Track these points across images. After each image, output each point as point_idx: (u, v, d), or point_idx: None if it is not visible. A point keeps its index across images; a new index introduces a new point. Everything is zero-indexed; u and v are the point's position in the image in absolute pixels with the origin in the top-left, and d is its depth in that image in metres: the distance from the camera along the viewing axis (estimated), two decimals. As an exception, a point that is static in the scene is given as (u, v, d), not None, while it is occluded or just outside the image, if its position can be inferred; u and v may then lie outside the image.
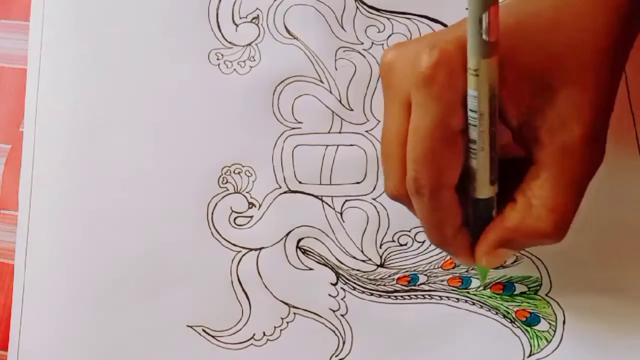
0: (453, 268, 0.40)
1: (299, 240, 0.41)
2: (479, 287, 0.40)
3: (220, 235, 0.41)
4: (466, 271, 0.40)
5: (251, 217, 0.41)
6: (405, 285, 0.40)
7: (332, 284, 0.40)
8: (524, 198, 0.32)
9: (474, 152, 0.32)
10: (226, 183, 0.42)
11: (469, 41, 0.29)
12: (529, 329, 0.39)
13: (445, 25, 0.42)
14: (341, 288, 0.40)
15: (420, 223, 0.35)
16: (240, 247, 0.41)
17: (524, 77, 0.31)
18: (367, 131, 0.42)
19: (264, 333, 0.40)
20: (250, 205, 0.42)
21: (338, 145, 0.42)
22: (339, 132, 0.42)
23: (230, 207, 0.41)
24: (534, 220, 0.32)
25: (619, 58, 0.33)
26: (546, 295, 0.39)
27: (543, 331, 0.39)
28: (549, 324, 0.39)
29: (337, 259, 0.41)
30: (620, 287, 0.39)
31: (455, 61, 0.30)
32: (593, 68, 0.31)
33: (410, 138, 0.32)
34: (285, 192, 0.42)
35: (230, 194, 0.42)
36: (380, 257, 0.41)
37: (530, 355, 0.39)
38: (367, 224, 0.41)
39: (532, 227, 0.32)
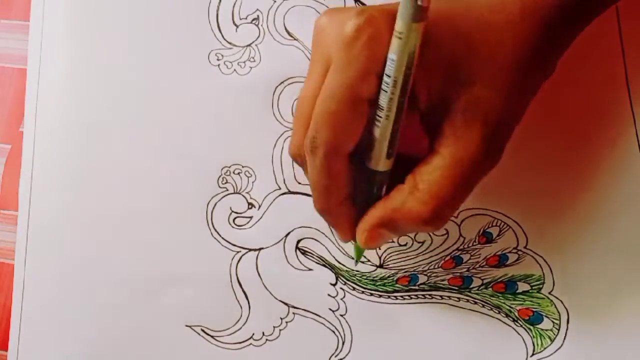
0: (453, 267, 0.40)
1: (298, 241, 0.41)
2: (481, 285, 0.39)
3: (220, 235, 0.41)
4: (467, 270, 0.40)
5: (251, 217, 0.41)
6: (405, 286, 0.40)
7: (331, 284, 0.40)
8: (413, 181, 0.33)
9: (378, 120, 0.32)
10: (226, 183, 0.42)
11: (402, 3, 0.29)
12: (532, 327, 0.39)
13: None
14: (340, 288, 0.40)
15: (309, 188, 0.35)
16: (240, 247, 0.41)
17: (442, 64, 0.31)
18: (366, 131, 0.42)
19: (263, 333, 0.40)
20: (250, 206, 0.41)
21: (337, 145, 0.42)
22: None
23: (230, 208, 0.41)
24: (415, 203, 0.32)
25: (539, 68, 0.33)
26: (549, 293, 0.39)
27: (546, 330, 0.39)
28: (553, 322, 0.39)
29: (336, 259, 0.41)
30: (623, 285, 0.39)
31: (379, 28, 0.30)
32: (509, 73, 0.31)
33: (319, 96, 0.32)
34: (284, 193, 0.42)
35: (229, 194, 0.42)
36: (380, 258, 0.40)
37: (533, 354, 0.38)
38: (367, 223, 0.41)
39: (411, 210, 0.32)
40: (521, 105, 0.33)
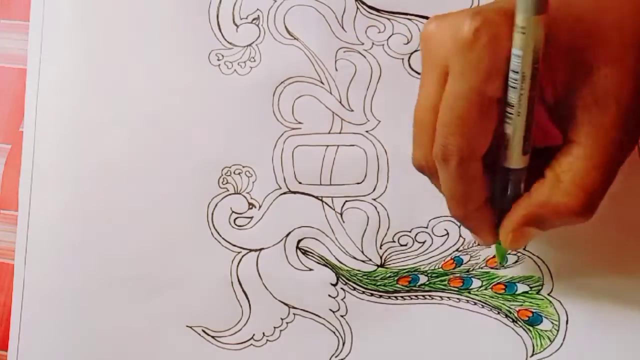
0: (454, 268, 0.40)
1: (299, 241, 0.41)
2: (481, 286, 0.40)
3: (220, 235, 0.41)
4: (467, 272, 0.40)
5: (251, 217, 0.41)
6: (405, 286, 0.40)
7: (332, 284, 0.40)
8: (553, 174, 0.32)
9: (510, 118, 0.31)
10: (226, 183, 0.42)
11: None
12: (531, 328, 0.39)
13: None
14: (341, 288, 0.40)
15: (444, 196, 0.34)
16: (240, 247, 0.41)
17: (564, 52, 0.31)
18: (367, 131, 0.42)
19: (263, 333, 0.40)
20: (250, 206, 0.41)
21: (338, 146, 0.42)
22: (339, 133, 0.42)
23: (230, 208, 0.41)
24: (562, 196, 0.31)
25: None
26: (548, 294, 0.39)
27: (546, 331, 0.39)
28: (552, 323, 0.39)
29: (337, 259, 0.41)
30: (622, 286, 0.39)
31: (498, 27, 0.30)
32: (634, 49, 0.31)
33: (443, 104, 0.31)
34: (285, 193, 0.42)
35: (230, 194, 0.42)
36: (381, 258, 0.41)
37: (533, 354, 0.39)
38: (367, 224, 0.41)
39: (560, 204, 0.32)
40: None
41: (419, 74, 0.42)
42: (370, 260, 0.41)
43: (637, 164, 0.40)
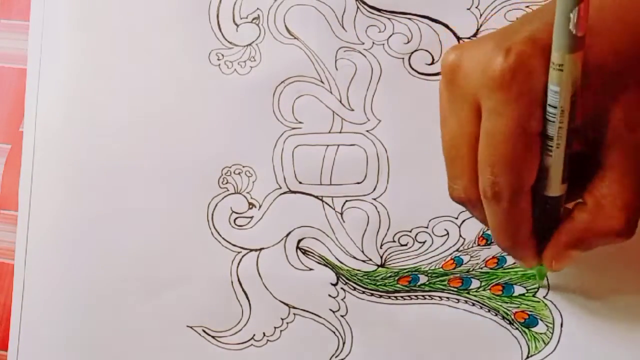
0: (454, 268, 0.40)
1: (299, 241, 0.41)
2: (479, 287, 0.40)
3: (221, 235, 0.41)
4: (467, 272, 0.40)
5: (251, 217, 0.41)
6: (405, 286, 0.40)
7: (332, 284, 0.40)
8: (593, 199, 0.32)
9: (550, 150, 0.31)
10: (226, 183, 0.42)
11: (555, 35, 0.28)
12: (527, 330, 0.39)
13: (446, 26, 0.42)
14: (341, 288, 0.40)
15: (490, 228, 0.34)
16: (241, 247, 0.41)
17: (593, 74, 0.31)
18: (367, 131, 0.42)
19: (264, 334, 0.40)
20: (251, 206, 0.41)
21: (338, 145, 0.42)
22: (340, 132, 0.42)
23: (231, 208, 0.41)
24: (606, 219, 0.32)
25: None
26: (544, 297, 0.39)
27: (541, 333, 0.39)
28: (547, 326, 0.39)
29: (337, 259, 0.41)
30: (617, 289, 0.39)
31: (533, 62, 0.29)
32: None
33: (486, 142, 0.31)
34: (285, 193, 0.42)
35: (230, 194, 0.42)
36: (381, 258, 0.41)
37: (528, 356, 0.39)
38: (368, 224, 0.41)
39: (604, 227, 0.32)
40: None
41: (419, 73, 0.42)
42: (371, 260, 0.41)
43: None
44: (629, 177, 0.31)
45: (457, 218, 0.40)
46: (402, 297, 0.40)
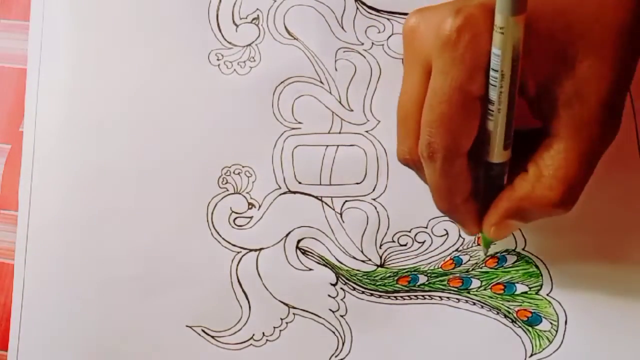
0: (453, 268, 0.40)
1: (298, 241, 0.41)
2: (480, 287, 0.40)
3: (220, 235, 0.41)
4: (466, 272, 0.40)
5: (251, 217, 0.41)
6: (405, 286, 0.40)
7: (331, 284, 0.40)
8: (536, 168, 0.32)
9: (491, 114, 0.31)
10: (226, 183, 0.42)
11: None
12: (530, 329, 0.39)
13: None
14: (341, 288, 0.40)
15: (429, 189, 0.34)
16: (240, 247, 0.41)
17: (545, 45, 0.31)
18: (367, 131, 0.42)
19: (263, 333, 0.40)
20: (250, 206, 0.41)
21: (338, 146, 0.42)
22: (339, 133, 0.42)
23: (230, 208, 0.41)
24: (544, 189, 0.32)
25: (638, 35, 0.32)
26: (547, 295, 0.39)
27: (545, 331, 0.39)
28: (551, 323, 0.39)
29: (336, 259, 0.41)
30: (621, 287, 0.39)
31: (480, 25, 0.30)
32: (613, 42, 0.31)
33: (427, 101, 0.31)
34: (285, 193, 0.42)
35: (230, 194, 0.42)
36: (380, 258, 0.41)
37: (532, 355, 0.39)
38: (367, 224, 0.41)
39: (542, 197, 0.32)
40: (630, 69, 0.32)
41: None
42: (370, 260, 0.41)
43: (637, 164, 0.40)
44: (574, 149, 0.31)
45: (456, 218, 0.40)
46: (401, 297, 0.40)
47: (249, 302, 0.40)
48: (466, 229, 0.36)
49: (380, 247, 0.41)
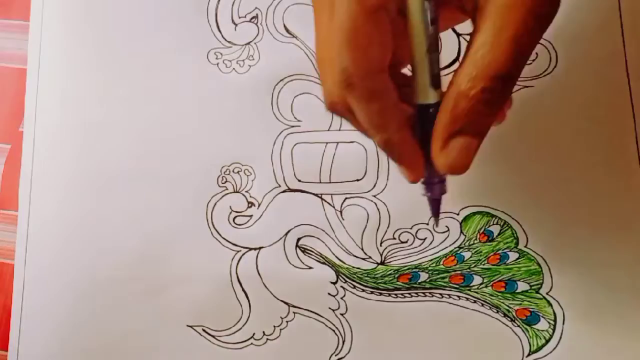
0: (455, 265, 0.40)
1: (298, 239, 0.41)
2: (481, 284, 0.39)
3: (220, 234, 0.41)
4: (468, 268, 0.40)
5: (250, 216, 0.41)
6: (406, 283, 0.40)
7: (331, 282, 0.40)
8: (466, 65, 0.29)
9: (414, 50, 0.29)
10: (225, 182, 0.42)
11: None
12: (528, 328, 0.38)
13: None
14: (341, 287, 0.40)
15: (362, 132, 0.32)
16: (240, 246, 0.41)
17: None
18: (367, 129, 0.42)
19: (263, 332, 0.40)
20: (250, 205, 0.41)
21: (338, 143, 0.42)
22: (339, 130, 0.42)
23: (230, 207, 0.41)
24: (477, 82, 0.29)
25: None
26: (547, 294, 0.39)
27: (542, 330, 0.38)
28: (549, 323, 0.38)
29: (337, 257, 0.40)
30: (620, 287, 0.39)
31: None
32: None
33: (333, 30, 0.29)
34: (284, 191, 0.41)
35: (229, 193, 0.42)
36: (381, 255, 0.40)
37: (529, 354, 0.38)
38: (367, 221, 0.41)
39: (475, 93, 0.29)
40: None
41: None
42: (371, 257, 0.40)
43: (637, 164, 0.40)
44: (499, 35, 0.29)
45: (458, 214, 0.40)
46: (402, 294, 0.40)
47: (249, 301, 0.40)
48: (408, 170, 0.32)
49: (380, 245, 0.40)
